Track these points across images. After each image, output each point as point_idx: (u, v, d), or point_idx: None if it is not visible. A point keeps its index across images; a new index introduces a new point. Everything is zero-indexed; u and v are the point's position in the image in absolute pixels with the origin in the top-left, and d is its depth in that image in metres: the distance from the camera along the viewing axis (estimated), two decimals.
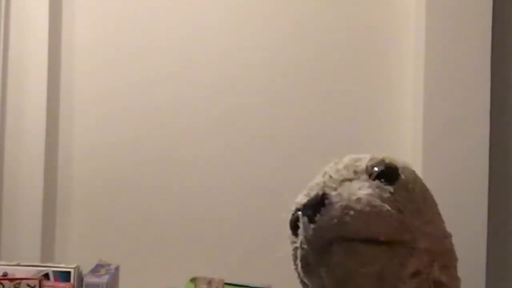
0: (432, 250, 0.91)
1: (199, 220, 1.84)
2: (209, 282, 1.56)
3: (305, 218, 0.90)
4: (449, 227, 1.70)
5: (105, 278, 1.49)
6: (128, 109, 1.87)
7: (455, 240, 1.69)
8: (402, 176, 0.93)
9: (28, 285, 1.37)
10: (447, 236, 0.98)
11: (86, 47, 1.89)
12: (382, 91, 1.81)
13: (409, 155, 1.78)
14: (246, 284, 1.59)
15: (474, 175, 1.71)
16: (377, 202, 0.87)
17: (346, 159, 0.99)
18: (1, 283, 1.36)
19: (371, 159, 0.96)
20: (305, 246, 0.91)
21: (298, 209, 0.93)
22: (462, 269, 1.71)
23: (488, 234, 1.69)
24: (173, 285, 1.60)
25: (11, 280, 1.37)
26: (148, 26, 1.88)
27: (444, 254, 0.94)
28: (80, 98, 1.89)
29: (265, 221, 1.79)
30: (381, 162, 0.95)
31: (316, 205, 0.89)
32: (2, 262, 1.52)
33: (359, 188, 0.89)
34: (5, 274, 1.43)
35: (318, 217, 0.88)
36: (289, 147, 1.83)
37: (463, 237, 1.68)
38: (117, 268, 1.57)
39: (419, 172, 1.71)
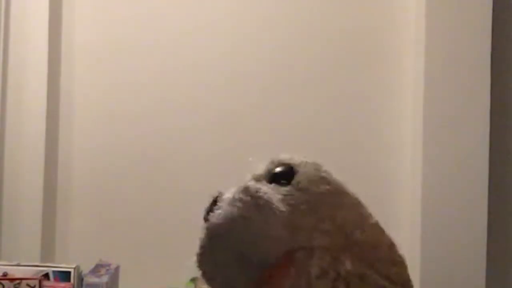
0: (334, 245, 0.86)
1: (199, 220, 1.84)
2: None
3: (203, 222, 0.89)
4: (449, 227, 1.71)
5: (105, 278, 1.49)
6: (128, 109, 1.87)
7: (455, 240, 1.70)
8: (298, 175, 0.90)
9: (28, 285, 1.37)
10: (364, 226, 0.92)
11: (86, 47, 1.89)
12: (382, 91, 1.81)
13: (409, 155, 1.78)
14: None
15: (474, 175, 1.71)
16: (267, 195, 0.84)
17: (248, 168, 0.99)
18: (1, 283, 1.36)
19: (271, 162, 0.93)
20: (200, 251, 0.88)
21: None
22: (462, 269, 1.72)
23: (488, 234, 1.69)
24: (173, 285, 1.60)
25: (11, 280, 1.37)
26: (148, 26, 1.88)
27: (356, 246, 0.88)
28: (80, 98, 1.89)
29: None
30: (278, 164, 0.92)
31: (211, 206, 0.88)
32: (2, 262, 1.52)
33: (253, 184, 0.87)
34: (5, 274, 1.43)
35: (209, 215, 0.86)
36: (289, 147, 1.82)
37: (463, 237, 1.70)
38: (117, 268, 1.57)
39: (419, 172, 1.72)
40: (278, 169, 0.91)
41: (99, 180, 1.88)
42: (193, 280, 1.59)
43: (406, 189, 1.77)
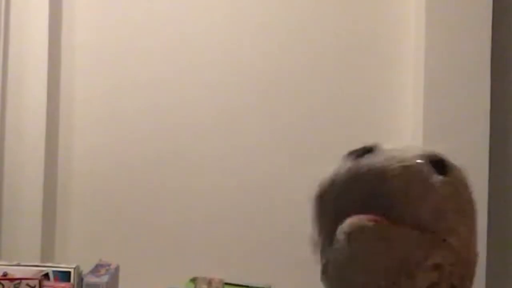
0: (460, 252, 0.89)
1: (199, 220, 1.84)
2: (209, 282, 1.56)
3: (345, 160, 0.87)
4: None
5: (105, 278, 1.49)
6: (128, 109, 1.87)
7: None
8: (454, 173, 0.92)
9: (28, 285, 1.37)
10: (476, 253, 0.95)
11: (86, 47, 1.89)
12: (382, 91, 1.81)
13: None
14: (246, 284, 1.59)
15: (474, 175, 1.70)
16: (427, 174, 0.85)
17: (396, 148, 0.96)
18: (1, 283, 1.36)
19: (424, 151, 0.93)
20: (330, 187, 0.86)
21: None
22: None
23: (488, 234, 1.69)
24: (173, 285, 1.60)
25: (11, 280, 1.37)
26: (148, 26, 1.88)
27: (468, 265, 0.92)
28: (80, 98, 1.89)
29: (265, 221, 1.79)
30: (433, 155, 0.93)
31: (364, 151, 0.87)
32: (2, 262, 1.52)
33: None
34: (5, 274, 1.43)
35: (361, 159, 0.85)
36: (289, 148, 1.83)
37: None
38: (117, 268, 1.57)
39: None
40: (435, 157, 0.92)
41: (99, 180, 1.87)
42: (193, 280, 1.59)
43: None
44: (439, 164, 0.91)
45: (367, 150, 0.88)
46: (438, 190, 0.86)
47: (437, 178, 0.88)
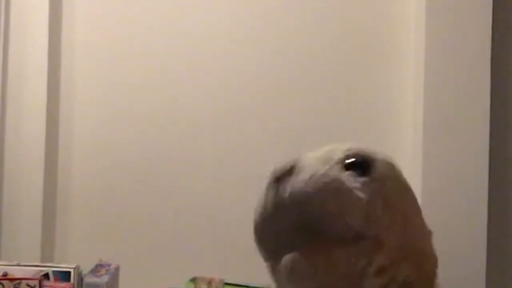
0: (401, 247, 0.87)
1: (199, 220, 1.84)
2: (209, 282, 1.56)
3: (268, 187, 0.87)
4: (449, 227, 1.71)
5: (105, 278, 1.49)
6: (128, 109, 1.87)
7: (455, 240, 1.70)
8: (376, 169, 0.90)
9: (28, 285, 1.37)
10: (425, 235, 0.93)
11: (86, 47, 1.89)
12: (382, 91, 1.81)
13: (409, 155, 1.78)
14: (246, 284, 1.59)
15: (474, 175, 1.71)
16: (346, 181, 0.84)
17: (322, 150, 0.95)
18: (1, 283, 1.36)
19: (346, 150, 0.92)
20: (261, 219, 0.87)
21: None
22: (462, 269, 1.71)
23: (488, 234, 1.69)
24: (173, 285, 1.60)
25: (11, 280, 1.37)
26: (148, 26, 1.88)
27: (417, 253, 0.89)
28: (80, 98, 1.89)
29: None
30: (355, 154, 0.91)
31: (285, 173, 0.86)
32: (2, 262, 1.52)
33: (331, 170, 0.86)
34: (5, 274, 1.43)
35: (282, 184, 0.85)
36: (289, 148, 1.83)
37: (463, 237, 1.70)
38: (117, 268, 1.57)
39: (419, 172, 1.72)
40: (355, 159, 0.90)
41: (99, 180, 1.87)
42: (193, 280, 1.59)
43: None
44: (361, 164, 0.89)
45: (287, 170, 0.87)
46: (361, 196, 0.84)
47: (357, 183, 0.86)
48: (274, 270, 0.89)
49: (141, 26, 1.88)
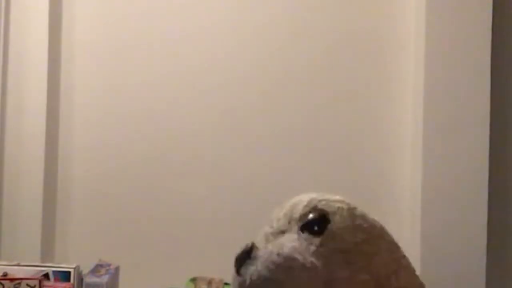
0: None
1: (199, 220, 1.84)
2: (209, 282, 1.56)
3: (234, 270, 0.92)
4: (449, 227, 1.71)
5: (105, 278, 1.49)
6: (128, 109, 1.87)
7: (455, 240, 1.70)
8: (331, 225, 0.90)
9: (28, 285, 1.37)
10: (398, 272, 0.92)
11: (86, 47, 1.89)
12: (382, 91, 1.81)
13: (409, 155, 1.78)
14: None
15: (474, 175, 1.71)
16: (300, 255, 0.85)
17: (289, 204, 0.97)
18: (1, 283, 1.36)
19: (305, 206, 0.94)
20: None
21: None
22: (462, 269, 1.71)
23: (488, 234, 1.69)
24: (173, 285, 1.60)
25: (11, 280, 1.37)
26: (148, 26, 1.88)
27: None
28: (80, 98, 1.89)
29: (265, 222, 1.79)
30: (313, 209, 0.92)
31: (244, 257, 0.91)
32: (2, 262, 1.52)
33: (287, 241, 0.89)
34: (5, 274, 1.43)
35: (242, 270, 0.89)
36: (289, 148, 1.83)
37: (463, 237, 1.69)
38: (117, 268, 1.57)
39: (419, 172, 1.72)
40: (311, 216, 0.92)
41: (99, 180, 1.87)
42: (193, 280, 1.59)
43: (406, 189, 1.77)
44: (317, 220, 0.91)
45: (246, 253, 0.91)
46: (316, 267, 0.85)
47: (313, 246, 0.87)
48: None
49: (141, 26, 1.88)
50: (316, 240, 0.88)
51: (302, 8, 1.84)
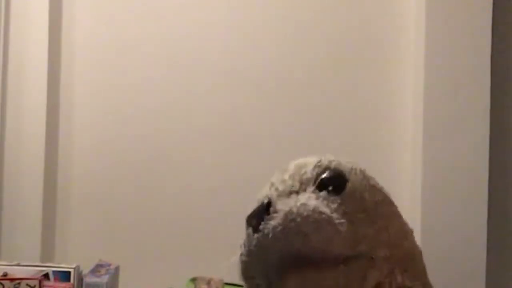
0: (391, 257, 0.86)
1: (199, 220, 1.84)
2: (209, 282, 1.56)
3: (250, 229, 0.87)
4: (449, 227, 1.71)
5: (105, 278, 1.49)
6: (128, 109, 1.87)
7: (455, 240, 1.70)
8: (350, 184, 0.88)
9: (28, 285, 1.37)
10: (407, 236, 0.92)
11: (86, 47, 1.89)
12: (382, 91, 1.81)
13: (409, 155, 1.78)
14: None
15: (474, 175, 1.71)
16: (326, 210, 0.82)
17: (292, 167, 0.94)
18: (1, 283, 1.36)
19: (316, 166, 0.90)
20: (248, 259, 0.88)
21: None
22: (462, 269, 1.71)
23: (488, 234, 1.69)
24: (173, 285, 1.60)
25: (11, 280, 1.37)
26: (148, 26, 1.88)
27: (404, 257, 0.89)
28: (80, 98, 1.89)
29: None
30: (327, 168, 0.90)
31: (261, 214, 0.86)
32: (2, 262, 1.52)
33: (306, 199, 0.84)
34: (5, 274, 1.43)
35: (262, 226, 0.84)
36: (289, 148, 1.83)
37: (463, 237, 1.70)
38: (117, 268, 1.57)
39: (419, 172, 1.72)
40: (329, 175, 0.89)
41: (99, 180, 1.87)
42: (193, 280, 1.59)
43: (406, 189, 1.77)
44: (334, 179, 0.87)
45: (264, 209, 0.86)
46: (342, 223, 0.82)
47: (335, 204, 0.84)
48: None
49: (141, 26, 1.88)
50: (337, 199, 0.85)
51: (302, 8, 1.84)
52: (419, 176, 1.72)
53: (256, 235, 0.86)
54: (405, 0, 1.79)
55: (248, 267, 0.88)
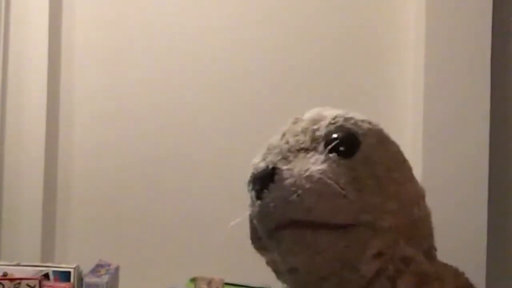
0: (397, 226, 0.82)
1: (199, 220, 1.84)
2: (209, 282, 1.56)
3: (253, 193, 0.84)
4: (449, 227, 1.71)
5: (105, 278, 1.49)
6: (128, 109, 1.87)
7: (455, 240, 1.70)
8: (363, 146, 0.84)
9: (28, 285, 1.37)
10: (419, 201, 0.87)
11: (86, 47, 1.89)
12: (382, 91, 1.81)
13: (409, 155, 1.78)
14: (246, 284, 1.59)
15: (474, 175, 1.71)
16: (331, 181, 0.78)
17: (306, 119, 0.90)
18: (1, 283, 1.36)
19: (330, 123, 0.86)
20: (254, 221, 0.87)
21: (253, 174, 0.85)
22: (462, 269, 1.71)
23: (488, 234, 1.69)
24: (173, 285, 1.60)
25: (11, 280, 1.37)
26: (148, 26, 1.88)
27: (412, 225, 0.85)
28: (80, 98, 1.89)
29: None
30: (340, 128, 0.85)
31: (265, 179, 0.82)
32: (2, 262, 1.52)
33: (314, 163, 0.80)
34: (5, 274, 1.43)
35: (265, 194, 0.81)
36: None
37: (463, 237, 1.69)
38: (117, 268, 1.57)
39: (419, 172, 1.72)
40: (341, 135, 0.84)
41: (99, 180, 1.87)
42: (193, 280, 1.59)
43: None
44: (346, 139, 0.83)
45: (268, 174, 0.82)
46: (348, 194, 0.79)
47: (341, 171, 0.80)
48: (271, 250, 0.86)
49: (141, 26, 1.88)
50: (348, 163, 0.81)
51: (302, 8, 1.84)
52: (419, 176, 1.71)
53: (258, 202, 0.83)
54: (405, 0, 1.79)
55: (254, 228, 0.87)
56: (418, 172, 1.73)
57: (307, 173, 0.79)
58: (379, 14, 1.81)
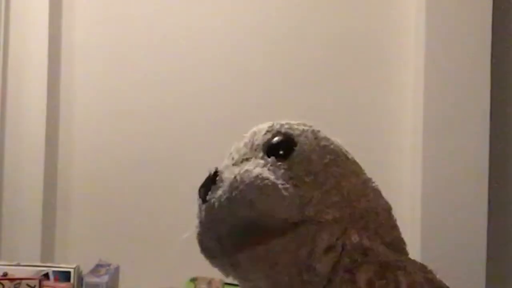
0: (343, 218, 0.84)
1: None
2: (209, 282, 1.56)
3: (200, 200, 0.87)
4: (449, 227, 1.71)
5: (105, 278, 1.49)
6: (128, 110, 1.87)
7: (455, 240, 1.70)
8: (299, 146, 0.87)
9: (28, 285, 1.37)
10: (367, 194, 0.89)
11: (86, 47, 1.89)
12: (382, 91, 1.81)
13: (409, 155, 1.78)
14: None
15: (474, 175, 1.71)
16: (269, 175, 0.82)
17: (249, 134, 0.96)
18: (1, 283, 1.36)
19: (267, 131, 0.91)
20: (200, 230, 0.89)
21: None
22: (462, 269, 1.71)
23: (488, 234, 1.69)
24: (173, 285, 1.60)
25: (11, 280, 1.37)
26: (148, 26, 1.88)
27: (362, 217, 0.86)
28: (80, 98, 1.89)
29: None
30: (276, 133, 0.90)
31: (208, 184, 0.86)
32: (2, 262, 1.52)
33: (254, 166, 0.84)
34: (5, 274, 1.43)
35: (209, 196, 0.85)
36: None
37: (463, 237, 1.70)
38: (117, 268, 1.57)
39: (419, 172, 1.72)
40: (276, 139, 0.89)
41: (99, 180, 1.87)
42: (193, 280, 1.59)
43: (406, 189, 1.77)
44: (283, 144, 0.87)
45: (210, 180, 0.87)
46: (287, 187, 0.82)
47: (281, 169, 0.84)
48: (225, 271, 0.89)
49: (141, 27, 1.88)
50: (284, 164, 0.85)
51: (302, 8, 1.84)
52: (419, 176, 1.72)
53: (204, 206, 0.87)
54: (405, 1, 1.79)
55: (202, 238, 0.88)
56: (418, 172, 1.74)
57: (247, 173, 0.83)
58: (379, 15, 1.81)
